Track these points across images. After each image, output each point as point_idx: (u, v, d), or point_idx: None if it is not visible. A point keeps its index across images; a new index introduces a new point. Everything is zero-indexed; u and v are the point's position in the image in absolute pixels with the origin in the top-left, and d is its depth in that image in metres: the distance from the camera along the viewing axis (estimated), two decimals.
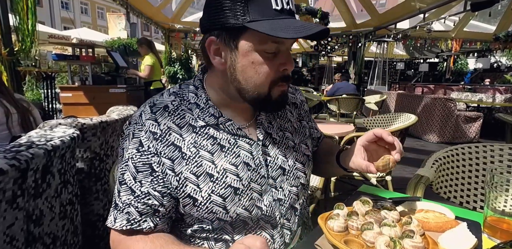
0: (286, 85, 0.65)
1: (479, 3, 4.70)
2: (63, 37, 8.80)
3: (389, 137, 0.65)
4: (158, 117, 0.63)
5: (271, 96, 0.63)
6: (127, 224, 0.61)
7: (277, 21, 0.56)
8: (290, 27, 0.55)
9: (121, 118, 1.71)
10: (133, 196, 0.61)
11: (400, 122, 2.19)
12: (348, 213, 0.63)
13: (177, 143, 0.62)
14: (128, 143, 0.63)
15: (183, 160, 0.61)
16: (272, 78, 0.61)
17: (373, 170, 0.63)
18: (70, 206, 1.19)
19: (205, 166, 0.62)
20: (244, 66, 0.60)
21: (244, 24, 0.56)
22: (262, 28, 0.55)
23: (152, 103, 0.66)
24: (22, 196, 0.86)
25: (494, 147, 1.10)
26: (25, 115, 1.38)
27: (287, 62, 0.62)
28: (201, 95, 0.67)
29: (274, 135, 0.72)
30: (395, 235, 0.55)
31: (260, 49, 0.59)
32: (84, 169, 1.45)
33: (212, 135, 0.64)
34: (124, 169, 0.62)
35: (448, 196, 1.11)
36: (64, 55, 4.09)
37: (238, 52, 0.60)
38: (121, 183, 0.62)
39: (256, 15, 0.56)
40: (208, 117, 0.65)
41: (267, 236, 0.68)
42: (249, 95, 0.63)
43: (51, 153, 0.97)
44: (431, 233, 0.61)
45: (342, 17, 8.10)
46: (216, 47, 0.62)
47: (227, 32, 0.59)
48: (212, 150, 0.63)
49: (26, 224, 0.89)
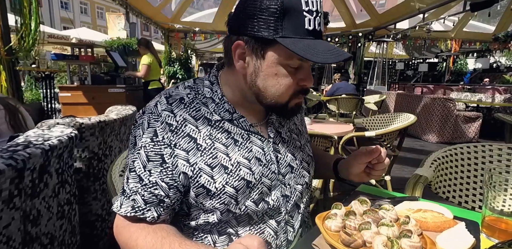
0: (301, 98, 0.68)
1: (478, 3, 4.70)
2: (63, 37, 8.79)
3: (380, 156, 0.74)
4: (174, 108, 0.64)
5: (288, 106, 0.67)
6: (131, 211, 0.62)
7: (307, 41, 0.59)
8: (319, 50, 0.58)
9: (119, 118, 1.70)
10: (140, 184, 0.62)
11: (399, 122, 2.19)
12: (345, 212, 0.63)
13: (193, 135, 0.63)
14: (141, 132, 0.63)
15: (198, 152, 0.63)
16: (292, 91, 0.64)
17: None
18: (68, 206, 1.19)
19: (220, 158, 0.63)
20: (267, 76, 0.63)
21: (275, 38, 0.58)
22: (293, 47, 0.57)
23: (168, 94, 0.67)
24: (19, 196, 0.85)
25: (493, 147, 1.10)
26: (14, 113, 1.36)
27: (307, 79, 0.65)
28: (217, 90, 0.69)
29: (283, 135, 0.75)
30: (392, 235, 0.55)
31: (285, 63, 0.62)
32: (82, 169, 1.45)
33: (226, 129, 0.66)
34: (135, 157, 0.63)
35: (447, 196, 1.11)
36: (63, 55, 4.08)
37: (263, 62, 0.62)
38: (130, 170, 0.63)
39: (288, 32, 0.58)
40: (223, 112, 0.67)
41: (271, 232, 0.69)
42: (266, 102, 0.66)
43: (48, 152, 0.97)
44: (429, 233, 0.60)
45: (341, 17, 8.10)
46: (242, 51, 0.64)
47: (256, 40, 0.61)
48: (226, 143, 0.65)
49: (23, 224, 0.89)
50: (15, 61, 3.17)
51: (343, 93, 4.83)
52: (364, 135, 1.90)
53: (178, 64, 8.61)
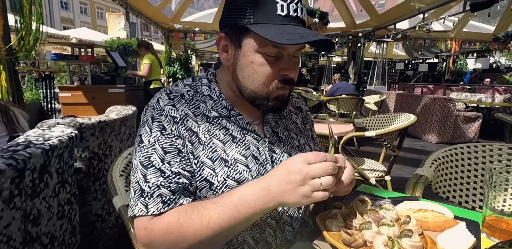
0: (286, 89, 0.66)
1: (478, 4, 4.70)
2: (62, 37, 8.79)
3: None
4: (176, 103, 0.65)
5: (269, 98, 0.65)
6: (164, 206, 0.58)
7: (279, 26, 0.58)
8: (289, 33, 0.56)
9: (120, 118, 1.70)
10: (163, 177, 0.60)
11: (399, 122, 2.19)
12: (346, 212, 0.63)
13: (194, 129, 0.64)
14: (148, 128, 0.63)
15: (200, 145, 0.64)
16: (271, 79, 0.63)
17: None
18: (68, 205, 1.19)
19: (219, 152, 0.64)
20: (244, 64, 0.63)
21: (247, 26, 0.59)
22: (261, 31, 0.57)
23: (168, 91, 0.68)
24: (19, 195, 0.85)
25: (493, 147, 1.10)
26: (6, 111, 1.38)
27: (288, 68, 0.63)
28: (215, 88, 0.70)
29: (280, 134, 0.75)
30: (393, 235, 0.55)
31: (261, 51, 0.61)
32: (82, 169, 1.45)
33: (224, 126, 0.67)
34: (150, 152, 0.61)
35: (447, 196, 1.11)
36: (63, 55, 4.08)
37: (240, 51, 0.63)
38: (147, 167, 0.60)
39: (260, 19, 0.59)
40: (221, 108, 0.68)
41: (271, 232, 0.69)
42: (247, 93, 0.65)
43: (48, 152, 0.97)
44: (430, 233, 0.60)
45: (341, 17, 8.10)
46: (224, 43, 0.66)
47: (234, 31, 0.63)
48: (224, 139, 0.66)
49: (23, 224, 0.89)
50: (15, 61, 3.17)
51: (343, 93, 4.83)
52: (364, 135, 1.90)
53: (178, 64, 8.61)
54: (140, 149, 0.63)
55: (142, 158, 0.62)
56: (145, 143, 0.62)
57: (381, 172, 2.08)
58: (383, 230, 0.56)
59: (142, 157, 0.62)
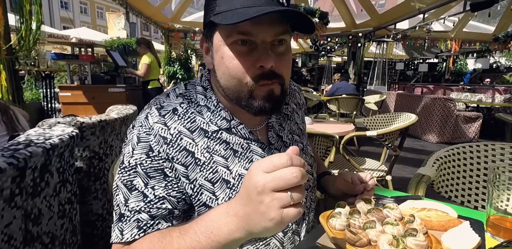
0: (272, 84, 0.56)
1: (478, 4, 4.70)
2: (62, 36, 8.80)
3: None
4: (168, 120, 0.57)
5: (254, 96, 0.56)
6: (139, 232, 0.53)
7: (239, 10, 0.51)
8: (242, 13, 0.49)
9: (120, 117, 1.70)
10: (144, 202, 0.54)
11: (400, 121, 2.18)
12: (350, 211, 0.62)
13: (190, 148, 0.57)
14: (131, 148, 0.56)
15: (197, 166, 0.57)
16: (245, 74, 0.55)
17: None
18: (69, 205, 1.18)
19: (220, 172, 0.58)
20: (218, 62, 0.57)
21: (210, 19, 0.54)
22: (217, 19, 0.52)
23: (159, 105, 0.60)
24: (20, 194, 0.85)
25: (495, 146, 1.10)
26: (5, 110, 1.38)
27: (262, 58, 0.53)
28: (211, 97, 0.62)
29: (284, 138, 0.69)
30: (398, 234, 0.54)
31: (230, 43, 0.54)
32: (83, 168, 1.44)
33: (224, 139, 0.60)
34: (132, 175, 0.55)
35: (449, 195, 1.11)
36: (63, 55, 4.07)
37: (213, 48, 0.58)
38: (129, 190, 0.55)
39: (223, 7, 0.53)
40: (220, 120, 0.60)
41: (277, 243, 0.64)
42: (230, 95, 0.58)
43: (49, 151, 0.96)
44: (434, 232, 0.60)
45: (341, 17, 8.10)
46: (206, 45, 0.61)
47: (206, 29, 0.59)
48: (226, 155, 0.59)
49: (24, 223, 0.88)
50: (15, 60, 3.17)
51: (344, 93, 4.83)
52: (365, 134, 1.90)
53: (178, 64, 8.61)
54: (121, 171, 0.57)
55: (124, 181, 0.56)
56: (125, 165, 0.56)
57: (382, 172, 2.07)
58: (387, 229, 0.55)
59: (123, 180, 0.56)
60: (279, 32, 0.55)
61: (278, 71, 0.56)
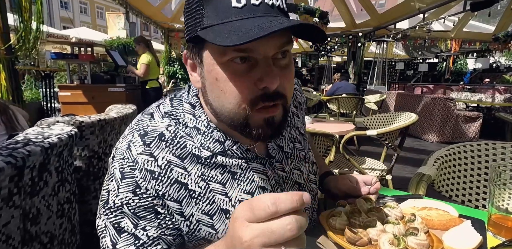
0: (274, 108, 0.48)
1: (478, 3, 4.70)
2: (62, 36, 8.79)
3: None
4: (154, 149, 0.50)
5: (250, 124, 0.48)
6: None
7: (234, 23, 0.43)
8: (240, 29, 0.41)
9: (119, 116, 1.69)
10: (135, 245, 0.48)
11: (400, 121, 2.18)
12: (350, 210, 0.62)
13: (182, 180, 0.50)
14: (117, 185, 0.49)
15: (192, 199, 0.51)
16: (247, 99, 0.46)
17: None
18: (68, 204, 1.18)
19: (218, 202, 0.52)
20: (211, 84, 0.48)
21: (198, 33, 0.45)
22: (209, 35, 0.43)
23: (142, 130, 0.52)
24: (19, 194, 0.84)
25: (496, 145, 1.09)
26: (5, 109, 1.38)
27: (265, 77, 0.45)
28: (200, 116, 0.54)
29: (285, 148, 0.63)
30: (398, 233, 0.54)
31: (224, 62, 0.45)
32: (82, 168, 1.44)
33: (220, 163, 0.53)
34: (119, 216, 0.49)
35: (450, 195, 1.10)
36: (62, 54, 4.06)
37: (204, 67, 0.49)
38: (117, 232, 0.49)
39: (213, 19, 0.44)
40: (213, 143, 0.53)
41: None
42: (226, 121, 0.50)
43: (48, 150, 0.96)
44: (435, 231, 0.60)
45: (341, 17, 8.10)
46: (191, 62, 0.52)
47: (192, 44, 0.49)
48: (223, 180, 0.53)
49: (22, 223, 0.88)
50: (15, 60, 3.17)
51: (344, 92, 4.82)
52: (365, 134, 1.89)
53: (178, 64, 8.61)
54: (106, 212, 0.49)
55: (112, 222, 0.49)
56: (110, 205, 0.49)
57: (382, 171, 2.07)
58: (388, 228, 0.55)
59: (108, 221, 0.49)
60: (282, 44, 0.46)
61: (283, 90, 0.48)
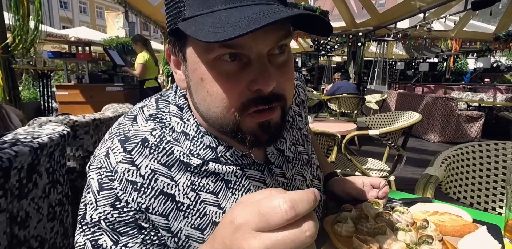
0: (271, 110, 0.42)
1: (479, 2, 4.66)
2: (61, 36, 8.74)
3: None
4: (136, 157, 0.44)
5: (242, 130, 0.42)
6: None
7: (219, 13, 0.37)
8: (228, 21, 0.34)
9: (115, 116, 1.65)
10: None
11: (403, 120, 2.14)
12: (357, 215, 0.57)
13: (168, 191, 0.44)
14: (94, 198, 0.43)
15: (180, 212, 0.45)
16: (236, 102, 0.40)
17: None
18: (60, 207, 1.13)
19: (210, 214, 0.47)
20: (196, 85, 0.42)
21: (177, 25, 0.39)
22: (190, 29, 0.37)
23: (122, 135, 0.45)
24: (5, 196, 0.80)
25: (506, 145, 1.05)
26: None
27: (259, 78, 0.38)
28: (188, 119, 0.48)
29: (286, 152, 0.57)
30: (411, 241, 0.49)
31: (211, 59, 0.39)
32: (76, 168, 1.40)
33: (212, 171, 0.47)
34: (97, 233, 0.43)
35: (458, 197, 1.06)
36: (59, 53, 4.02)
37: (188, 66, 0.42)
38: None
39: (195, 8, 0.38)
40: (203, 150, 0.47)
41: None
42: (215, 126, 0.44)
43: (37, 151, 0.91)
44: (448, 238, 0.55)
45: (341, 17, 8.05)
46: (175, 58, 0.46)
47: (174, 38, 0.43)
48: (215, 189, 0.47)
49: (9, 227, 0.83)
50: (12, 59, 3.12)
51: (344, 92, 4.79)
52: (368, 133, 1.85)
53: None
54: (83, 228, 0.43)
55: (87, 240, 0.43)
56: (87, 221, 0.43)
57: (384, 172, 2.02)
58: (399, 235, 0.51)
59: (86, 238, 0.43)
60: (279, 38, 0.40)
61: (280, 90, 0.41)
